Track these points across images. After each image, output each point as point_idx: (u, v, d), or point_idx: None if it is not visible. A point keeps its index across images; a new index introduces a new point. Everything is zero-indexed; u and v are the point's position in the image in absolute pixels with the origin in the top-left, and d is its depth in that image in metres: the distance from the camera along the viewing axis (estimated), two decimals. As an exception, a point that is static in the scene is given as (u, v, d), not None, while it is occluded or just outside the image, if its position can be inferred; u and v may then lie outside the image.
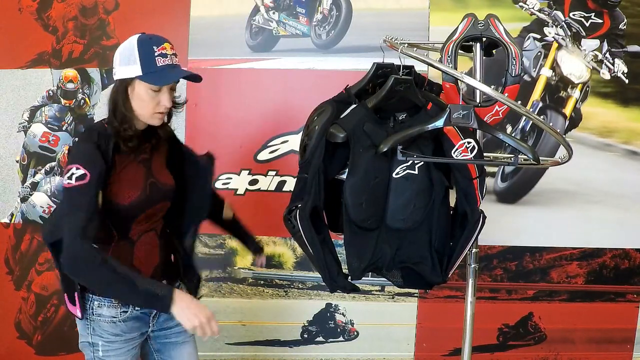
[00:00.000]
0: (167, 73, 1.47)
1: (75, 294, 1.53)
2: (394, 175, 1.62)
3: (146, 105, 1.49)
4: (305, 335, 2.74)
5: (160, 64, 1.45)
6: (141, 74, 1.45)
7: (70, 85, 2.66)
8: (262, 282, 2.71)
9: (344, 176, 1.61)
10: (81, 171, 1.40)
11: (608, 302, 2.71)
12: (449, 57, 1.59)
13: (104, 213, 1.47)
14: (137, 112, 1.50)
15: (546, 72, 2.57)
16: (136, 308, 1.57)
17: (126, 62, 1.47)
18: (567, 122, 2.59)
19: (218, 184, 2.58)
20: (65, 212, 1.43)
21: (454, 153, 1.60)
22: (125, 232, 1.55)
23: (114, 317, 1.55)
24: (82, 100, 2.67)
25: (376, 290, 2.70)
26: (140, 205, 1.54)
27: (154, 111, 1.50)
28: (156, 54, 1.45)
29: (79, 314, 1.55)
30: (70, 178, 1.40)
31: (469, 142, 1.60)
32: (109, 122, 1.51)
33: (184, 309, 1.41)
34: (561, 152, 2.41)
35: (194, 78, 1.52)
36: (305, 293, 2.71)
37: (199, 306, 1.43)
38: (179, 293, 1.43)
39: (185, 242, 1.68)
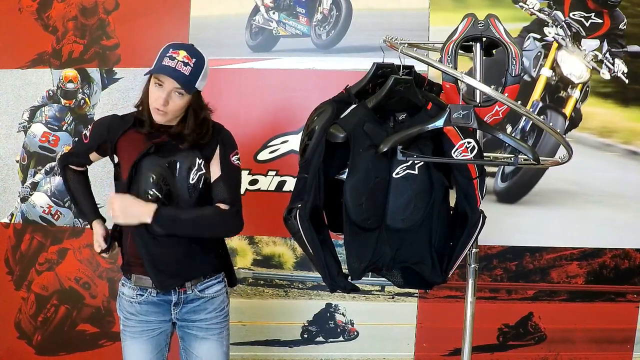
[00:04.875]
0: (160, 69, 1.59)
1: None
2: (394, 175, 1.61)
3: (150, 97, 1.64)
4: (305, 335, 2.74)
5: (164, 63, 1.59)
6: (152, 68, 1.61)
7: (70, 85, 2.66)
8: (262, 282, 2.71)
9: (344, 176, 1.60)
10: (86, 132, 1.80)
11: (608, 302, 2.71)
12: (449, 57, 1.59)
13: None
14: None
15: (546, 72, 2.57)
16: (152, 294, 1.73)
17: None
18: (567, 122, 2.59)
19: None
20: None
21: (454, 153, 1.59)
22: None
23: (132, 298, 1.74)
24: (82, 100, 2.67)
25: (376, 290, 2.70)
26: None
27: (153, 105, 1.63)
28: (167, 55, 1.60)
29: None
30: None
31: (469, 142, 1.59)
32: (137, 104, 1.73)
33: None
34: (561, 152, 2.40)
35: (178, 78, 1.59)
36: (305, 293, 2.71)
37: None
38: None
39: None
